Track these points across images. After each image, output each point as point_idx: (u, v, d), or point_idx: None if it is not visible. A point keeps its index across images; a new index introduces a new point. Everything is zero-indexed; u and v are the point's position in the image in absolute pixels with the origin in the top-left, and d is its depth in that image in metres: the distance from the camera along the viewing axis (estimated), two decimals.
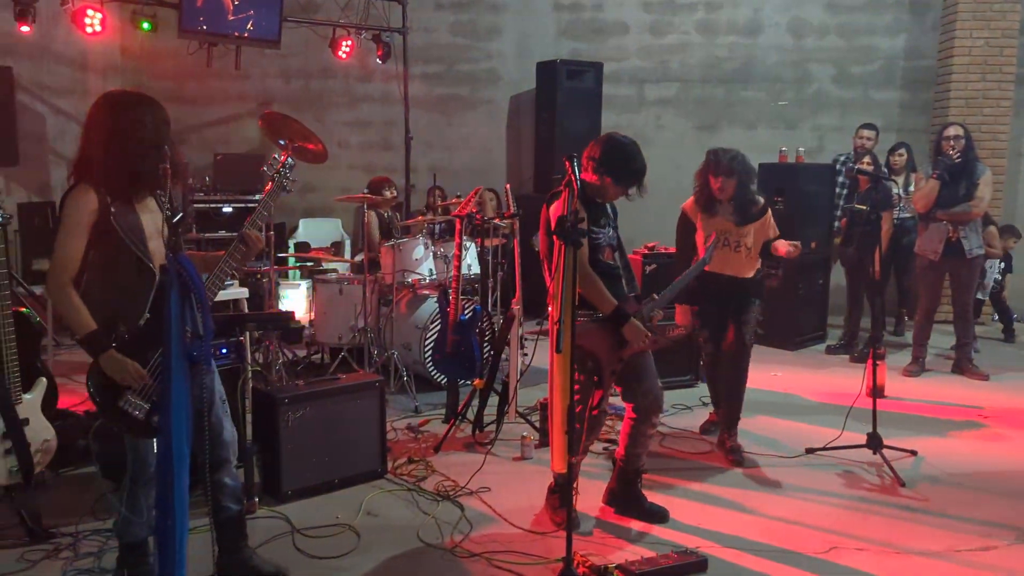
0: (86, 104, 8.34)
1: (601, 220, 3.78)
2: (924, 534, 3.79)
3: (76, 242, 2.81)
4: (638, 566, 3.33)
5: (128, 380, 2.80)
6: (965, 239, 6.24)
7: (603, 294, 3.64)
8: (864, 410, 4.75)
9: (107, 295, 2.87)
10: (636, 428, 3.86)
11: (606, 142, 3.73)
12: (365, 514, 3.93)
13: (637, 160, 3.71)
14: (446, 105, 9.42)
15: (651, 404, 3.82)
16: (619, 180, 3.71)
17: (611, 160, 3.68)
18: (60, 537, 3.57)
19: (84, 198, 2.82)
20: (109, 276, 2.88)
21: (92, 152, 2.88)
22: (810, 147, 8.94)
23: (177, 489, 2.35)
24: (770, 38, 9.26)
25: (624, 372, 3.78)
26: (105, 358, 2.79)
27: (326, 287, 6.17)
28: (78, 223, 2.81)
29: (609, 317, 3.65)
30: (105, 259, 2.88)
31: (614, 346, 3.70)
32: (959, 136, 6.18)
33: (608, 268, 3.75)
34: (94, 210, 2.81)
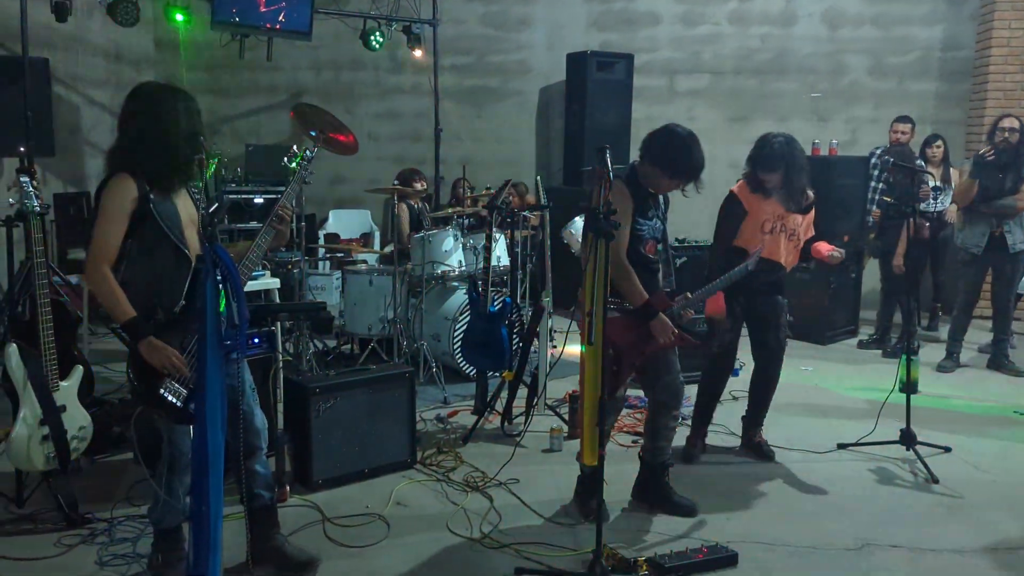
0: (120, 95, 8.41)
1: (649, 212, 3.76)
2: (958, 532, 3.74)
3: (116, 230, 2.85)
4: (668, 559, 3.32)
5: (168, 366, 2.83)
6: (1009, 233, 6.13)
7: (635, 287, 3.62)
8: (897, 406, 4.70)
9: (145, 283, 2.92)
10: (656, 421, 3.85)
11: (664, 133, 3.71)
12: (395, 504, 3.95)
13: (694, 154, 3.67)
14: (476, 97, 9.41)
15: (670, 398, 3.80)
16: (674, 173, 3.68)
17: (668, 152, 3.65)
18: (96, 522, 3.63)
19: (125, 186, 2.86)
20: (147, 264, 2.93)
21: (129, 143, 2.93)
22: (843, 140, 8.83)
23: (212, 476, 2.37)
24: (804, 28, 9.15)
25: (647, 364, 3.76)
26: (145, 345, 2.82)
27: (356, 278, 6.19)
28: (118, 211, 2.85)
29: (637, 311, 3.63)
30: (143, 247, 2.92)
31: (638, 340, 3.68)
32: (1014, 128, 6.07)
33: (647, 261, 3.73)
34: (134, 198, 2.86)
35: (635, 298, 3.63)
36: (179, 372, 2.85)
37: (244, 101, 9.25)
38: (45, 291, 3.55)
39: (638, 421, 5.06)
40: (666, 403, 3.80)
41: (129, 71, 8.57)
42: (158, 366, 2.83)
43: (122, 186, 2.86)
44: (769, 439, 4.87)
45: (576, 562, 3.37)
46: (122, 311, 2.83)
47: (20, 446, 3.47)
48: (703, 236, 7.07)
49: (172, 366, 2.83)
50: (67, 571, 3.28)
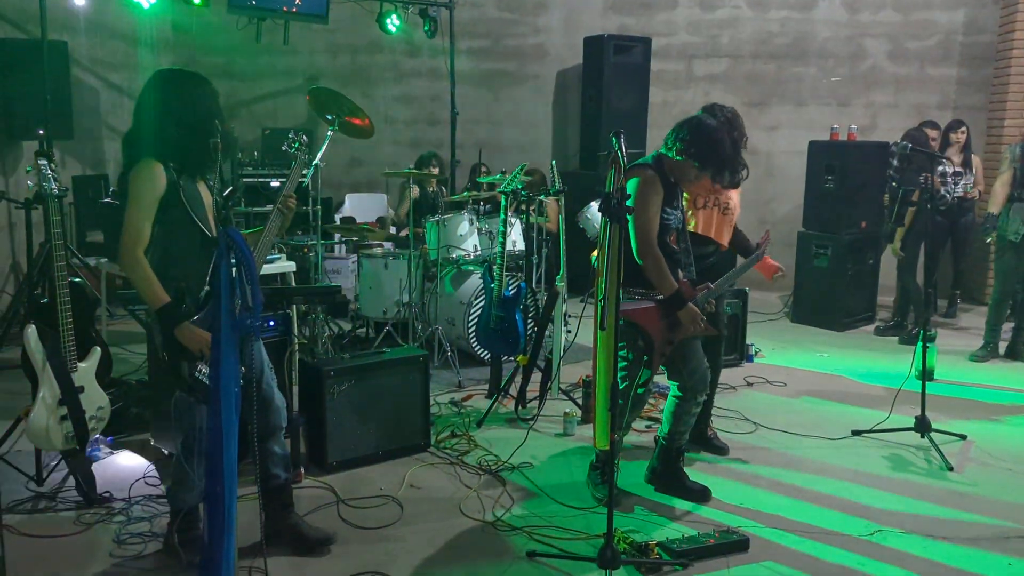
0: (139, 79, 8.49)
1: (675, 202, 3.76)
2: (972, 520, 3.73)
3: (147, 215, 2.88)
4: (679, 544, 3.33)
5: (204, 349, 2.86)
6: None
7: (665, 275, 3.61)
8: (913, 393, 4.68)
9: (172, 268, 2.95)
10: (680, 407, 3.84)
11: (695, 125, 3.67)
12: (408, 486, 3.98)
13: (726, 147, 3.65)
14: (492, 80, 9.39)
15: (697, 384, 3.80)
16: (704, 166, 3.66)
17: (698, 145, 3.62)
18: (113, 502, 3.68)
19: (155, 172, 2.90)
20: (173, 250, 2.96)
21: (152, 129, 2.96)
22: (863, 124, 8.75)
23: (226, 457, 2.40)
24: (823, 12, 9.05)
25: (673, 351, 3.77)
26: (181, 330, 2.86)
27: (371, 261, 6.22)
28: (151, 196, 2.88)
29: (669, 299, 3.63)
30: (171, 232, 2.95)
31: (667, 328, 3.69)
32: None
33: (671, 251, 3.72)
34: (164, 184, 2.90)
35: (666, 287, 3.62)
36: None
37: (261, 85, 9.27)
38: (63, 273, 3.59)
39: (652, 406, 5.06)
40: (694, 388, 3.80)
41: (147, 54, 8.60)
42: (195, 350, 2.88)
43: (153, 172, 2.89)
44: (783, 425, 4.88)
45: (588, 546, 3.38)
46: (157, 297, 2.86)
47: (39, 426, 3.52)
48: None
49: (208, 349, 2.86)
50: (85, 549, 3.33)
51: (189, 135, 2.93)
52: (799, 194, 7.97)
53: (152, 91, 3.02)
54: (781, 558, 3.36)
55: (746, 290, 6.21)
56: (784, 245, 7.77)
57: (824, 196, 7.48)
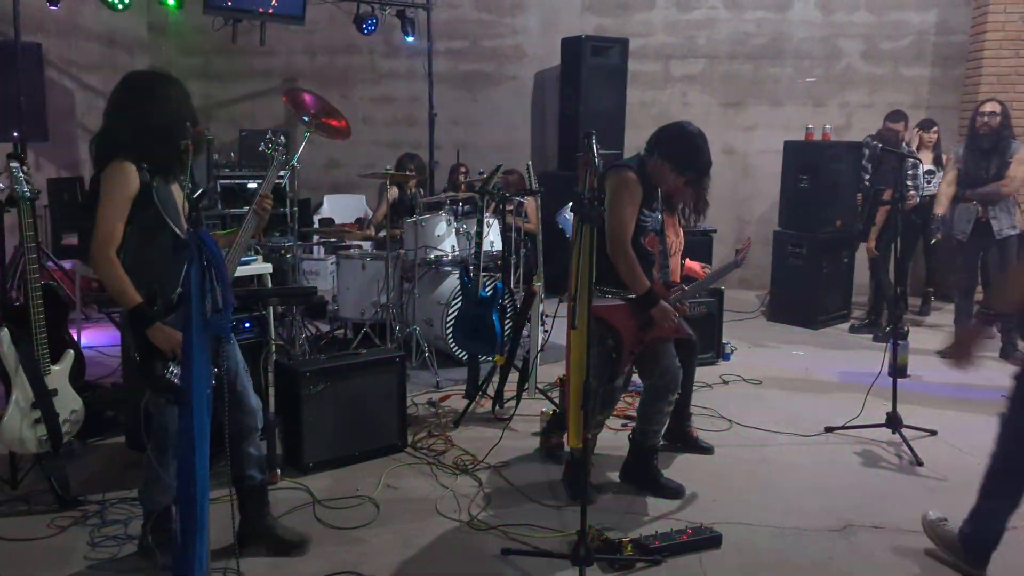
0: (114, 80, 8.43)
1: (653, 204, 3.80)
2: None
3: (119, 215, 2.88)
4: (652, 540, 3.37)
5: (176, 350, 2.86)
6: (995, 219, 6.13)
7: (638, 274, 3.65)
8: (885, 389, 4.74)
9: (144, 269, 2.94)
10: (652, 406, 3.88)
11: (676, 131, 3.72)
12: (385, 486, 3.99)
13: (704, 153, 3.70)
14: (471, 81, 9.41)
15: (669, 383, 3.84)
16: (683, 171, 3.71)
17: (678, 150, 3.68)
18: (88, 504, 3.67)
19: (128, 173, 2.89)
20: (146, 250, 2.96)
21: (124, 130, 2.96)
22: (838, 124, 8.84)
23: (198, 458, 2.41)
24: (799, 13, 9.12)
25: (643, 352, 3.80)
26: (153, 330, 2.87)
27: (349, 263, 6.21)
28: (123, 197, 2.88)
29: (641, 298, 3.66)
30: (143, 233, 2.95)
31: (639, 327, 3.72)
32: (995, 112, 6.05)
33: (645, 253, 3.76)
34: (136, 185, 2.90)
35: (638, 285, 3.66)
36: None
37: (238, 86, 9.24)
38: (36, 276, 3.58)
39: (628, 405, 5.10)
40: (664, 388, 3.84)
41: (122, 56, 8.57)
42: (167, 350, 2.88)
43: (126, 173, 2.89)
44: (758, 422, 4.93)
45: (562, 543, 3.41)
46: (129, 297, 2.86)
47: (12, 429, 3.51)
48: None
49: (180, 350, 2.86)
50: (60, 552, 3.32)
51: (159, 137, 2.92)
52: (775, 193, 8.04)
53: (122, 93, 3.02)
54: (753, 553, 3.41)
55: (722, 289, 6.27)
56: (760, 244, 7.83)
57: (799, 195, 7.55)
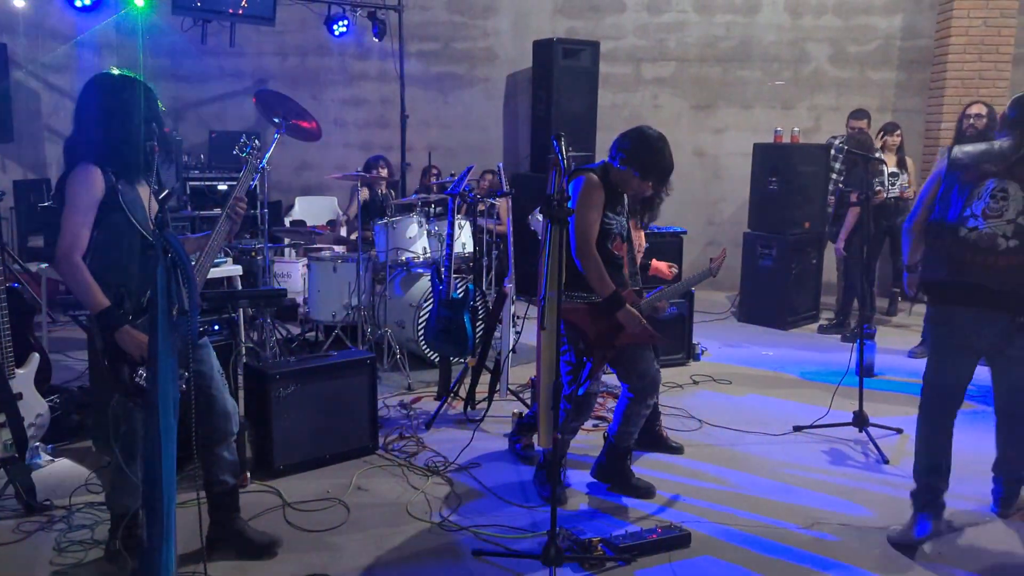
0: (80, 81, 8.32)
1: (618, 207, 3.81)
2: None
3: (85, 220, 2.86)
4: (622, 540, 3.39)
5: (144, 354, 2.83)
6: None
7: (603, 277, 3.66)
8: (852, 389, 4.80)
9: (112, 273, 2.92)
10: (631, 408, 3.89)
11: (636, 136, 3.72)
12: (356, 489, 3.98)
13: (665, 157, 3.72)
14: (442, 83, 9.40)
15: (647, 386, 3.85)
16: (645, 175, 3.73)
17: (640, 155, 3.69)
18: (54, 509, 3.63)
19: (92, 176, 2.87)
20: (114, 254, 2.93)
21: (90, 133, 2.95)
22: (806, 127, 8.95)
23: (164, 462, 2.39)
24: (767, 17, 9.23)
25: (620, 355, 3.82)
26: (121, 334, 2.84)
27: (320, 265, 6.19)
28: (86, 200, 2.86)
29: (606, 301, 3.68)
30: (110, 237, 2.93)
31: (607, 331, 3.73)
32: (980, 115, 6.09)
33: (612, 258, 3.77)
34: (102, 188, 2.88)
35: (603, 288, 3.67)
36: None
37: (208, 87, 9.17)
38: (1, 279, 3.53)
39: (600, 405, 5.13)
40: (643, 391, 3.85)
41: (90, 56, 8.46)
42: (135, 354, 2.85)
43: (90, 177, 2.87)
44: (727, 422, 4.98)
45: (533, 543, 3.42)
46: (96, 301, 2.84)
47: None
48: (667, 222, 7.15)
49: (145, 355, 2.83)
50: (25, 558, 3.28)
51: (124, 139, 2.90)
52: (745, 195, 8.11)
53: (88, 95, 3.00)
54: (722, 552, 3.44)
55: (693, 290, 6.31)
56: (730, 245, 7.87)
57: (768, 197, 7.63)
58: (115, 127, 2.91)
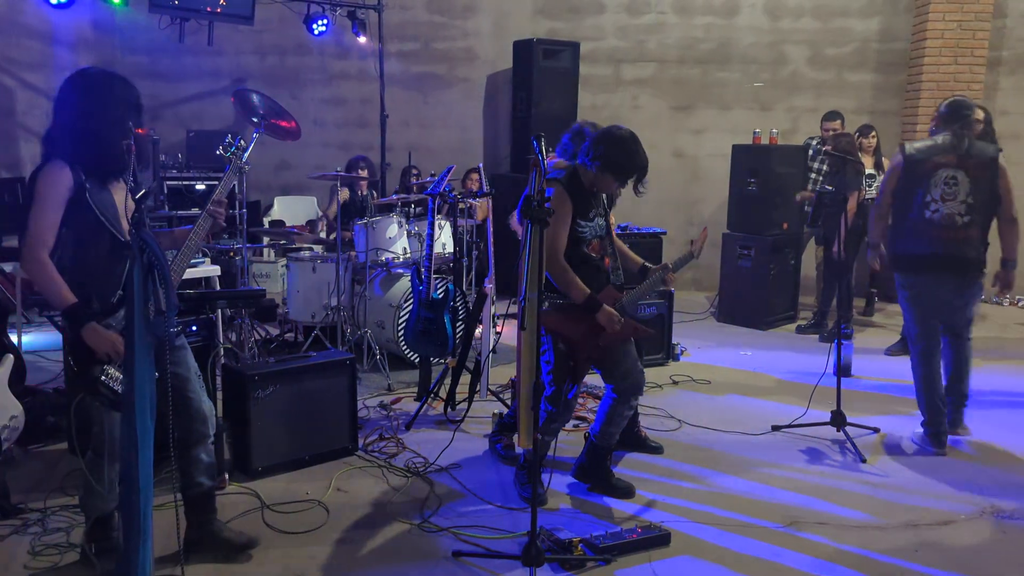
0: (56, 79, 8.25)
1: (591, 213, 3.79)
2: (883, 508, 3.88)
3: (51, 217, 2.84)
4: (602, 540, 3.39)
5: (111, 352, 2.82)
6: None
7: (572, 282, 3.66)
8: (830, 389, 4.83)
9: (80, 271, 2.89)
10: (614, 409, 3.90)
11: (607, 138, 3.71)
12: (335, 490, 3.96)
13: (639, 155, 3.71)
14: (422, 83, 9.38)
15: (631, 387, 3.86)
16: (620, 174, 3.72)
17: (612, 155, 3.68)
18: (29, 512, 3.58)
19: (60, 174, 2.85)
20: (83, 252, 2.91)
21: (64, 130, 2.92)
22: (784, 129, 9.00)
23: (141, 464, 2.37)
24: (746, 19, 9.28)
25: (604, 355, 3.83)
26: (87, 330, 2.81)
27: (299, 265, 6.16)
28: (54, 198, 2.83)
29: (582, 305, 3.68)
30: (79, 236, 2.90)
31: (590, 332, 3.74)
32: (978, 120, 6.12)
33: (590, 259, 3.77)
34: (69, 186, 2.85)
35: (577, 294, 3.67)
36: (120, 358, 2.84)
37: (186, 86, 9.10)
38: None
39: (580, 406, 5.14)
40: (626, 391, 3.85)
41: (65, 54, 8.37)
42: (100, 352, 2.82)
43: (57, 174, 2.84)
44: (707, 422, 5.00)
45: (513, 544, 3.42)
46: (62, 297, 2.81)
47: None
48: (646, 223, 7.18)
49: (115, 352, 2.82)
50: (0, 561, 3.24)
51: (98, 137, 2.87)
52: (724, 196, 8.16)
53: (65, 92, 2.97)
54: (701, 551, 3.45)
55: (672, 291, 6.34)
56: (709, 246, 7.89)
57: (747, 198, 7.67)
58: (89, 125, 2.88)
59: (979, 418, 5.04)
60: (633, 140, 3.72)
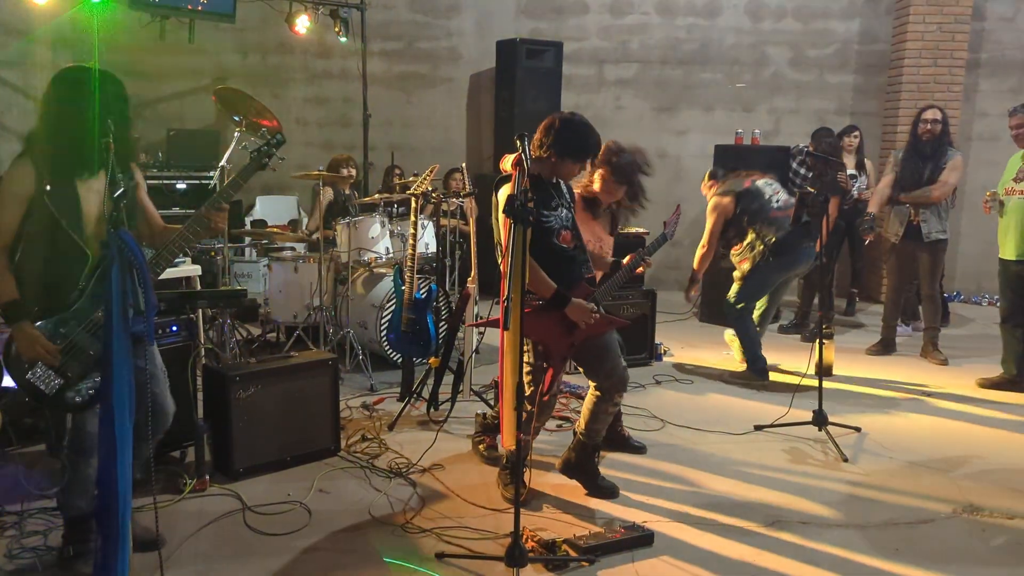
0: (34, 77, 8.16)
1: (552, 202, 3.78)
2: (864, 508, 3.90)
3: (9, 213, 2.85)
4: (586, 540, 3.39)
5: (34, 355, 2.82)
6: (924, 223, 6.23)
7: (541, 279, 3.64)
8: (812, 388, 4.86)
9: (34, 269, 2.89)
10: (597, 406, 3.89)
11: (557, 122, 3.71)
12: (317, 491, 3.94)
13: (591, 135, 3.73)
14: (405, 83, 9.36)
15: (614, 384, 3.85)
16: (578, 157, 3.73)
17: (565, 139, 3.68)
18: (5, 515, 3.54)
19: (19, 172, 2.85)
20: (39, 252, 2.89)
21: (37, 127, 2.91)
22: (766, 130, 9.05)
23: (120, 465, 2.34)
24: (728, 20, 9.32)
25: (585, 353, 3.82)
26: (17, 329, 2.82)
27: (281, 265, 6.12)
28: (12, 195, 2.85)
29: (550, 301, 3.67)
30: (37, 235, 2.88)
31: (563, 331, 3.73)
32: (936, 120, 6.17)
33: (562, 251, 3.77)
34: (28, 185, 2.84)
35: (543, 289, 3.66)
36: (46, 362, 2.84)
37: (166, 85, 9.02)
38: None
39: (563, 406, 5.14)
40: (609, 389, 3.84)
41: (44, 52, 8.28)
42: (23, 352, 2.83)
43: (17, 172, 2.86)
44: (689, 422, 5.01)
45: (497, 545, 3.41)
46: (4, 292, 2.83)
47: None
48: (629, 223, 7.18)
49: (36, 355, 2.82)
50: None
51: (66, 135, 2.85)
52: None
53: (47, 90, 2.94)
54: (684, 551, 3.45)
55: (654, 291, 6.36)
56: (693, 246, 7.94)
57: None
58: (61, 123, 2.88)
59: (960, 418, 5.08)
60: (582, 121, 3.73)
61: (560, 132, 3.70)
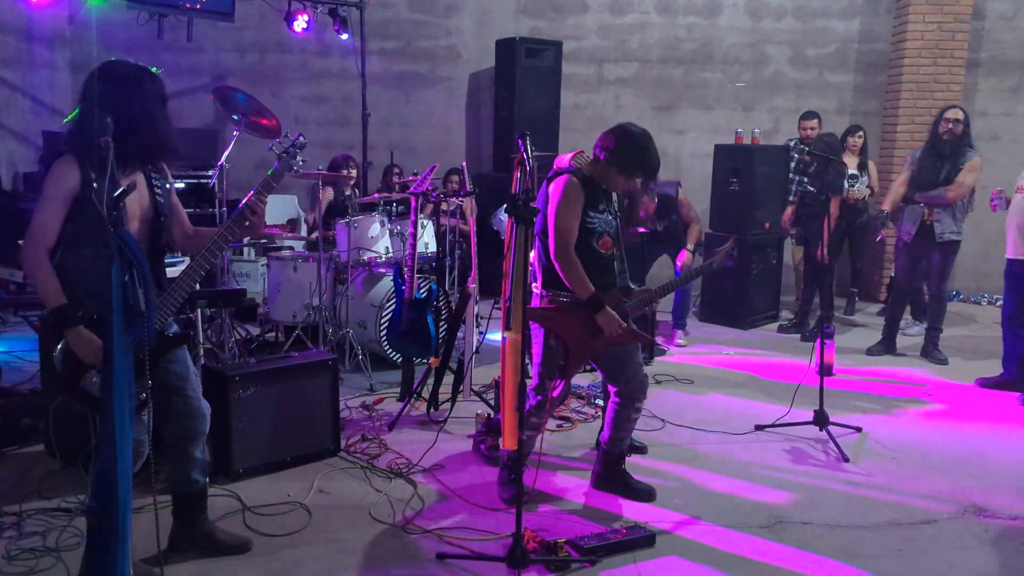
0: (32, 75, 8.13)
1: (600, 206, 3.75)
2: (867, 508, 3.89)
3: (54, 213, 2.78)
4: (587, 541, 3.38)
5: (92, 358, 2.76)
6: (938, 222, 6.18)
7: (581, 279, 3.63)
8: (813, 388, 4.84)
9: (77, 270, 2.83)
10: (620, 413, 3.87)
11: (620, 133, 3.68)
12: (317, 492, 3.92)
13: (650, 153, 3.69)
14: (405, 82, 9.34)
15: (634, 390, 3.83)
16: (631, 172, 3.71)
17: (622, 151, 3.65)
18: (4, 516, 3.52)
19: (66, 169, 2.79)
20: (85, 252, 2.83)
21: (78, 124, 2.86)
22: (766, 129, 9.03)
23: (119, 467, 2.32)
24: (728, 19, 9.30)
25: (607, 357, 3.80)
26: (72, 333, 2.76)
27: (280, 265, 6.10)
28: (57, 194, 2.78)
29: (584, 303, 3.66)
30: (82, 235, 2.83)
31: (587, 335, 3.71)
32: (958, 120, 6.12)
33: (598, 256, 3.73)
34: (74, 183, 2.79)
35: (582, 290, 3.64)
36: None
37: (165, 83, 8.96)
38: None
39: (563, 405, 5.12)
40: (630, 395, 3.82)
41: (42, 50, 8.26)
42: (83, 357, 2.77)
43: (63, 169, 2.79)
44: (690, 422, 4.99)
45: (498, 546, 3.40)
46: (52, 297, 2.76)
47: None
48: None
49: (96, 360, 2.76)
50: None
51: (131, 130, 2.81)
52: (706, 195, 8.16)
53: (85, 84, 2.89)
54: (687, 552, 3.44)
55: None
56: None
57: (729, 198, 7.69)
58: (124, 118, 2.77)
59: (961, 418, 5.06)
60: (645, 137, 3.68)
61: (618, 142, 3.66)
